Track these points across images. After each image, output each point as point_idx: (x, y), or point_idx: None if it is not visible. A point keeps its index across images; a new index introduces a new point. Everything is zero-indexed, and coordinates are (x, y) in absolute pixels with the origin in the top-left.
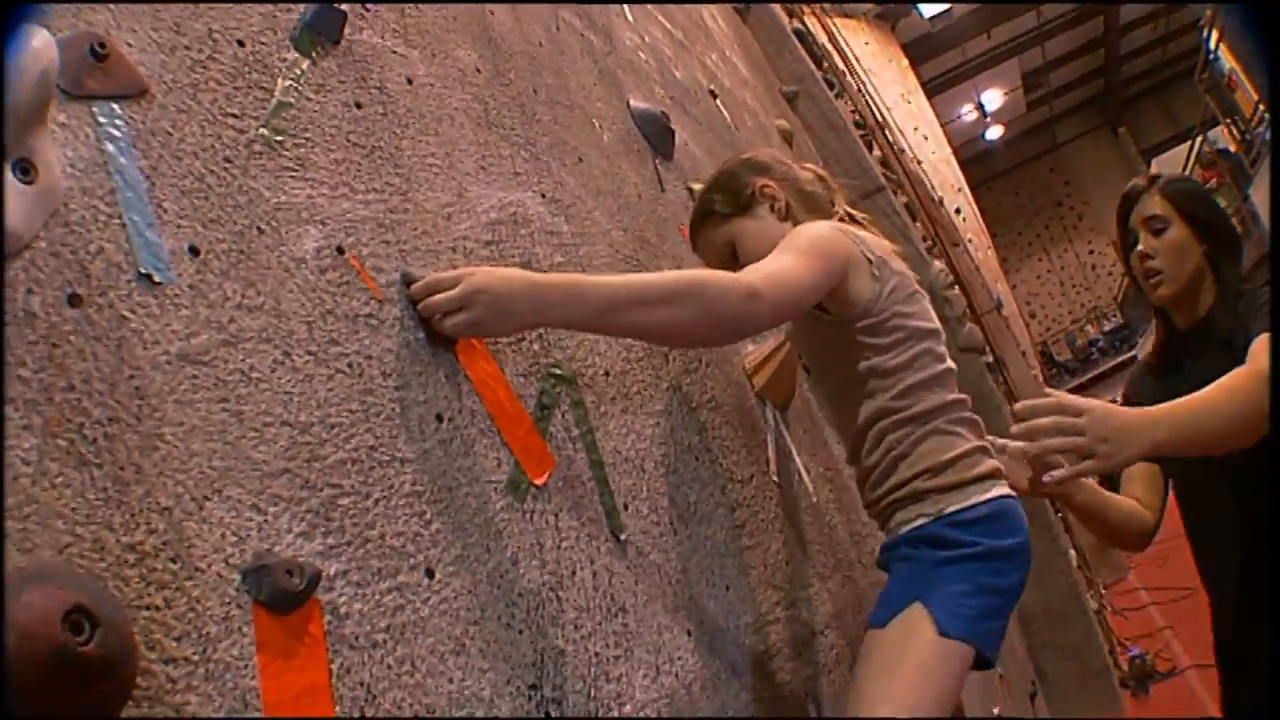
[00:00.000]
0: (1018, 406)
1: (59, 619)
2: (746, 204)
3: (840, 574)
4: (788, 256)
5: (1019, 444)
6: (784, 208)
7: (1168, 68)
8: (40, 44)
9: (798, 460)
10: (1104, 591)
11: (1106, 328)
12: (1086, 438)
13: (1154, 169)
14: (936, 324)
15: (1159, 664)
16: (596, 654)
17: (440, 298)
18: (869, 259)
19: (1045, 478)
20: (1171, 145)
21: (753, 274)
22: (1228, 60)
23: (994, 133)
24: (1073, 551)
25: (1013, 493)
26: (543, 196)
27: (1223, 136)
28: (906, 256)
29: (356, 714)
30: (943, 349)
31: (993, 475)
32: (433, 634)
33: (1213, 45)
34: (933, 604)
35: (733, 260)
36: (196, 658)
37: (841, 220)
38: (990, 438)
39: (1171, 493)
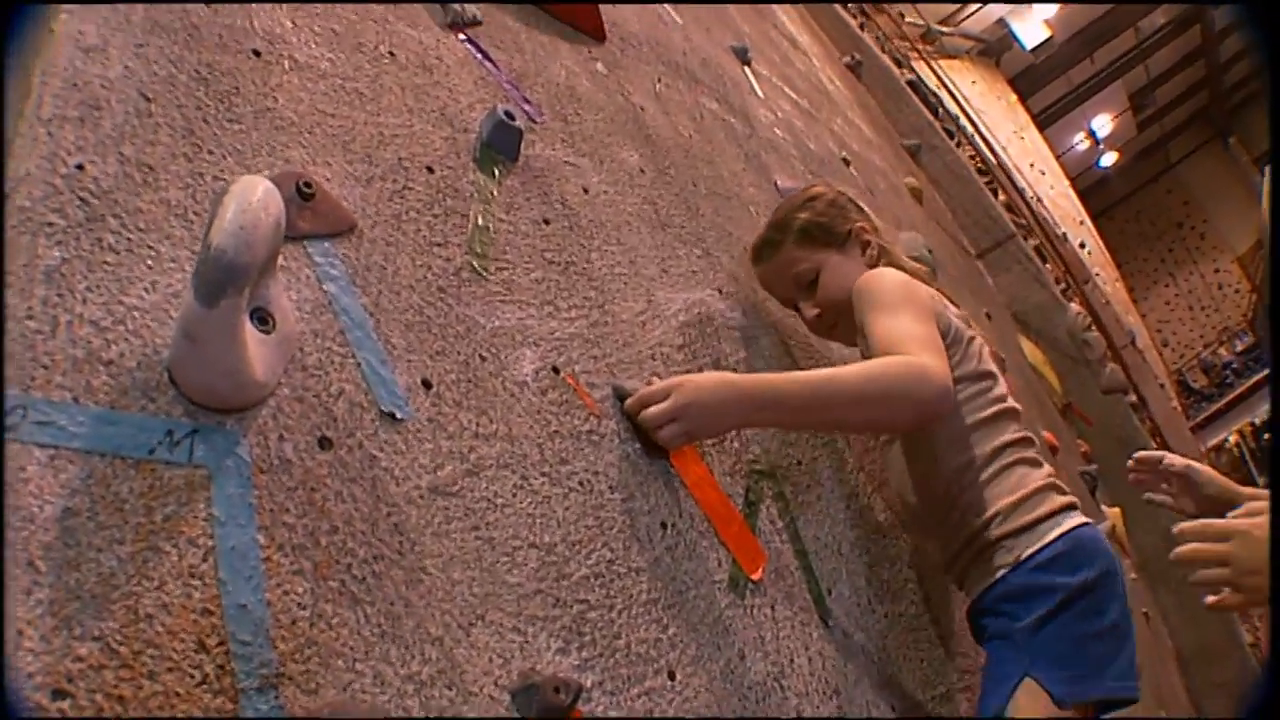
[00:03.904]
0: (1175, 531)
1: None
2: (842, 240)
3: None
4: (909, 320)
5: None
6: (876, 254)
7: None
8: (265, 194)
9: None
10: (1259, 625)
11: (1239, 348)
12: (1231, 570)
13: (1268, 176)
14: (990, 366)
15: None
16: None
17: (654, 411)
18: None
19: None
20: None
21: (922, 354)
22: None
23: (1108, 159)
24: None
25: (1089, 520)
26: (719, 292)
27: None
28: (1042, 303)
29: None
30: (1000, 390)
31: (1064, 509)
32: None
33: None
34: (1042, 674)
35: (801, 290)
36: None
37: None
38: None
39: None
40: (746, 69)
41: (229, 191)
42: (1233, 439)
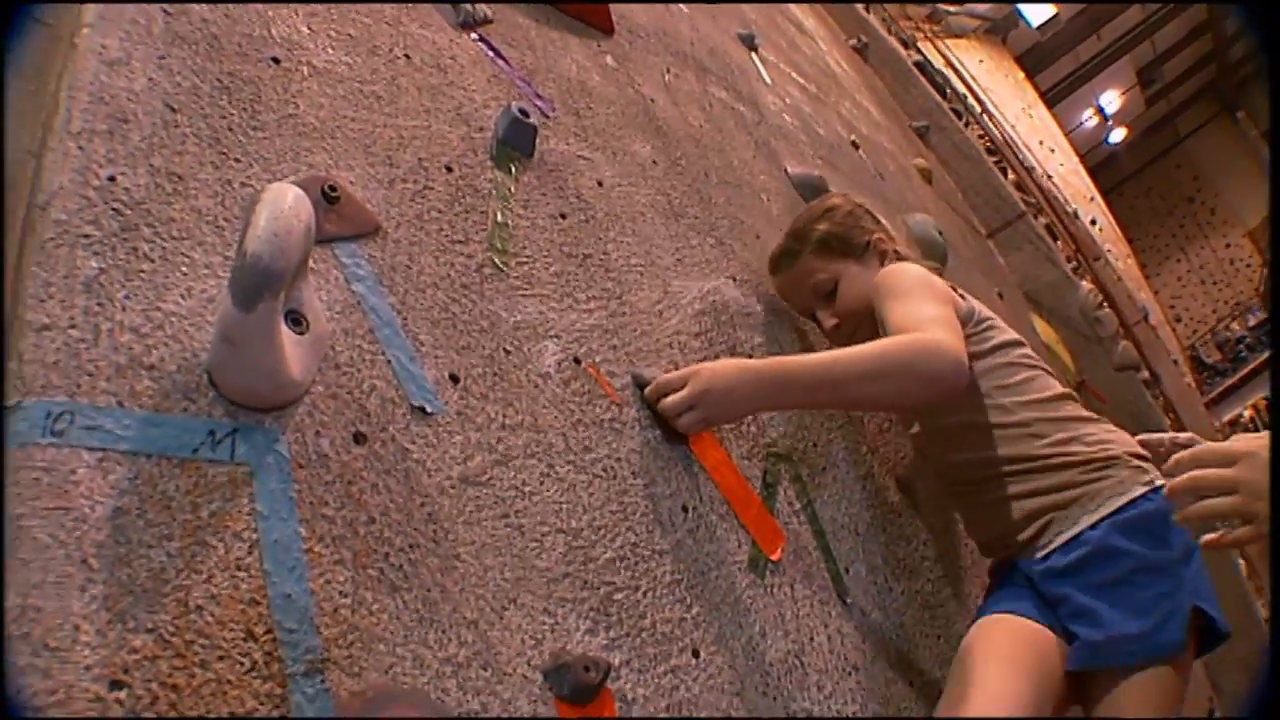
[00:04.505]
0: (1165, 467)
1: None
2: (860, 250)
3: None
4: (926, 304)
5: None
6: (893, 260)
7: None
8: (295, 201)
9: None
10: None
11: (1251, 322)
12: (1240, 495)
13: None
14: (1019, 337)
15: None
16: (838, 711)
17: (672, 399)
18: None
19: (1200, 541)
20: None
21: (939, 332)
22: None
23: (1117, 135)
24: (1241, 561)
25: None
26: (733, 280)
27: None
28: (1053, 281)
29: None
30: (1035, 358)
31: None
32: (704, 709)
33: None
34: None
35: (819, 299)
36: None
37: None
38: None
39: None
40: (754, 55)
41: (260, 199)
42: (1247, 413)
